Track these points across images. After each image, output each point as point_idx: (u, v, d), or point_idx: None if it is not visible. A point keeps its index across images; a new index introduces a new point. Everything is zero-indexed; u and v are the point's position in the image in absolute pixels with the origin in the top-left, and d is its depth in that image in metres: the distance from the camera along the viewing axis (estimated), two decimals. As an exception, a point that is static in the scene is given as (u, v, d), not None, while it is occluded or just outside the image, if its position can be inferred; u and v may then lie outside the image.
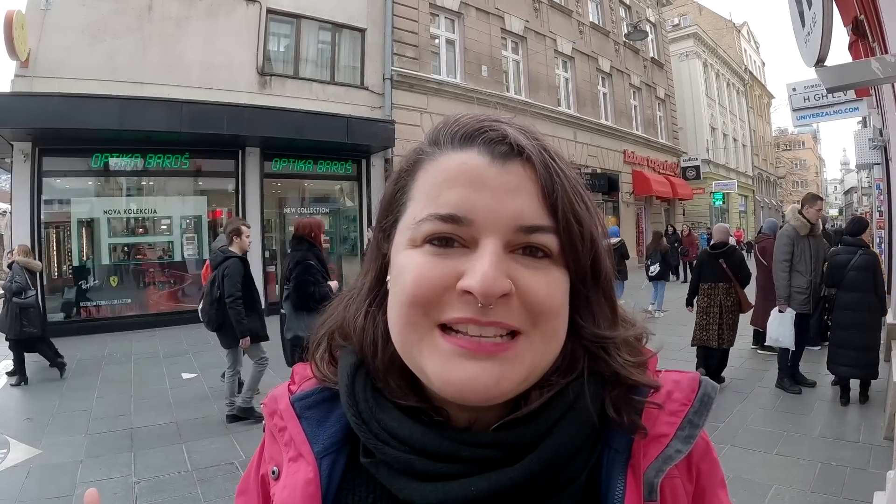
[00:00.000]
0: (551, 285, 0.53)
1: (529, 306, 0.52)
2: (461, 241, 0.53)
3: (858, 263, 5.28)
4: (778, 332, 5.79)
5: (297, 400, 0.65)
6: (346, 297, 0.68)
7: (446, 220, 0.52)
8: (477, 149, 0.55)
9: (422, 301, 0.52)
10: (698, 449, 0.60)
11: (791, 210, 6.05)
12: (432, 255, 0.53)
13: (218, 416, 5.46)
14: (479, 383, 0.51)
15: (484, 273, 0.49)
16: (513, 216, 0.52)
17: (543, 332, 0.53)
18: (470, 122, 0.58)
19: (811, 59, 2.99)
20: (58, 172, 10.27)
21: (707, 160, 29.24)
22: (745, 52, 41.47)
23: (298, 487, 0.59)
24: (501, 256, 0.51)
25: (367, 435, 0.57)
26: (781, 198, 54.59)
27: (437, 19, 15.22)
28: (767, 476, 3.94)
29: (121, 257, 10.85)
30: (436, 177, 0.55)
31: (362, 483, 0.60)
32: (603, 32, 21.42)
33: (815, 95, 12.83)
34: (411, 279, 0.53)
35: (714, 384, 0.61)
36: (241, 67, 11.58)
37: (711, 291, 6.29)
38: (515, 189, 0.53)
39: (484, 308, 0.50)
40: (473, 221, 0.52)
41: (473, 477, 0.52)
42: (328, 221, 13.28)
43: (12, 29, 8.68)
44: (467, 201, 0.52)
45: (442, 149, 0.57)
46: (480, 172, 0.53)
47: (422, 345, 0.53)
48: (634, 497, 0.54)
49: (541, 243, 0.53)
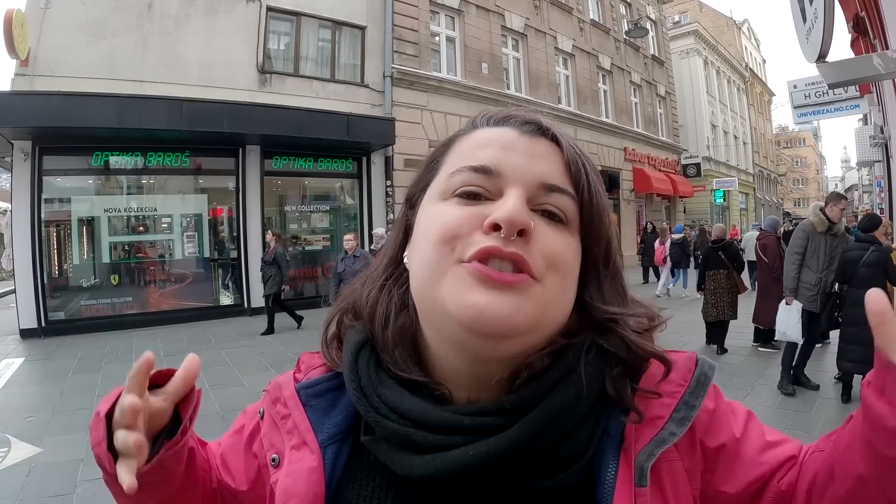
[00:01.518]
0: (565, 244, 0.57)
1: (545, 254, 0.54)
2: (488, 195, 0.57)
3: (870, 260, 5.25)
4: (786, 326, 5.78)
5: (303, 388, 0.66)
6: (362, 280, 0.70)
7: (478, 170, 0.57)
8: (510, 126, 0.61)
9: (449, 237, 0.55)
10: (700, 425, 0.60)
11: (813, 206, 6.04)
12: (461, 205, 0.57)
13: (217, 414, 5.47)
14: (496, 308, 0.52)
15: (511, 206, 0.53)
16: (538, 174, 0.57)
17: (556, 282, 0.55)
18: (505, 109, 0.64)
19: (812, 56, 2.98)
20: (58, 171, 10.25)
21: (708, 157, 29.22)
22: (745, 49, 41.42)
23: (302, 475, 0.60)
24: (525, 203, 0.55)
25: (368, 409, 0.58)
26: (782, 195, 54.56)
27: (437, 17, 15.19)
28: (768, 473, 3.94)
29: (121, 256, 10.84)
30: (471, 144, 0.61)
31: (363, 473, 0.61)
32: (603, 30, 21.39)
33: (815, 92, 12.84)
34: (441, 221, 0.56)
35: (711, 363, 0.62)
36: (241, 65, 11.56)
37: (715, 277, 7.69)
38: (542, 155, 0.58)
39: (506, 240, 0.53)
40: (502, 174, 0.56)
41: (472, 444, 0.53)
42: (328, 219, 13.28)
43: (12, 28, 8.66)
44: (498, 157, 0.57)
45: (477, 127, 0.63)
46: (511, 140, 0.59)
47: (446, 276, 0.55)
48: (626, 481, 0.54)
49: (560, 205, 0.57)
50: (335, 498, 0.61)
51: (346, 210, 13.64)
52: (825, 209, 5.75)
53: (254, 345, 8.66)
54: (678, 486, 0.57)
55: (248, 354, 8.07)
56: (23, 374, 7.26)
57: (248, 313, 11.33)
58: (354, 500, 0.60)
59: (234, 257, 11.72)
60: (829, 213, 5.71)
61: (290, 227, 12.75)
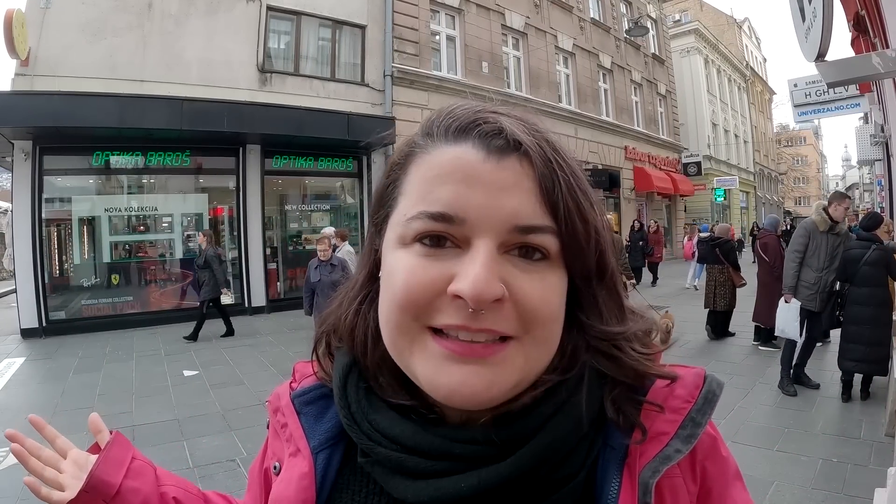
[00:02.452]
0: (546, 290, 0.51)
1: (522, 312, 0.50)
2: (453, 241, 0.50)
3: (872, 258, 5.25)
4: (784, 323, 5.79)
5: (296, 396, 0.66)
6: (339, 300, 0.66)
7: (437, 218, 0.50)
8: (471, 142, 0.52)
9: (412, 306, 0.50)
10: (703, 447, 0.57)
11: (816, 205, 6.03)
12: (423, 257, 0.50)
13: (218, 413, 5.48)
14: (468, 387, 0.49)
15: (476, 277, 0.47)
16: (508, 215, 0.49)
17: (535, 337, 0.51)
18: (465, 113, 0.55)
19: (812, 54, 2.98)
20: (58, 171, 10.26)
21: (708, 156, 29.21)
22: (746, 48, 41.40)
23: (293, 481, 0.59)
24: (495, 258, 0.49)
25: (360, 435, 0.57)
26: (783, 194, 54.52)
27: (438, 16, 15.18)
28: (768, 472, 3.94)
29: (122, 255, 10.86)
30: (427, 171, 0.52)
31: (356, 479, 0.60)
32: (604, 28, 21.37)
33: (816, 91, 12.83)
34: (401, 282, 0.50)
35: (720, 381, 0.58)
36: (241, 65, 11.56)
37: (710, 271, 8.71)
38: (512, 186, 0.50)
39: (475, 313, 0.48)
40: (466, 220, 0.49)
41: (464, 474, 0.51)
42: (329, 218, 13.28)
43: (12, 28, 8.66)
44: (460, 199, 0.49)
45: (435, 142, 0.54)
46: (474, 168, 0.50)
47: (413, 348, 0.52)
48: (628, 498, 0.52)
49: (538, 244, 0.50)
50: (328, 502, 0.60)
51: (346, 209, 13.65)
52: (828, 208, 5.74)
53: (255, 344, 8.68)
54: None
55: (249, 354, 8.08)
56: (24, 374, 7.27)
57: (249, 312, 11.35)
58: None
59: (234, 256, 11.74)
60: (832, 212, 5.70)
61: (290, 227, 12.76)
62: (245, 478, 0.80)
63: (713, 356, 7.35)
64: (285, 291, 12.44)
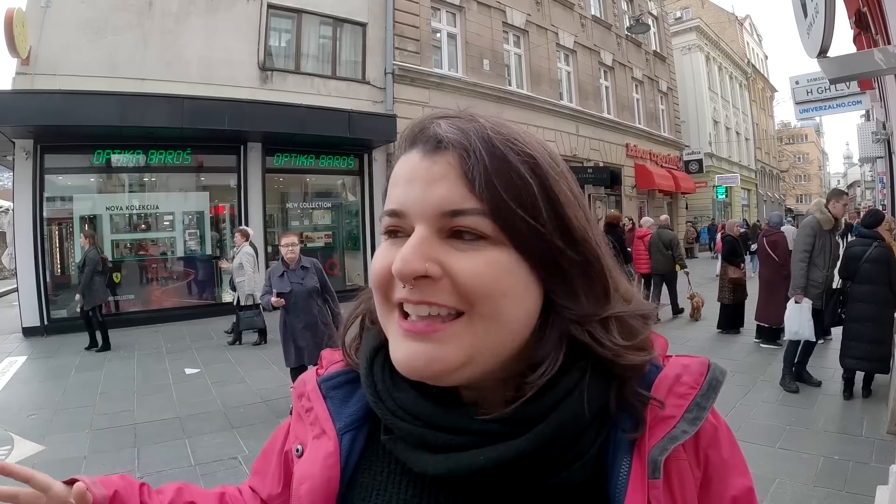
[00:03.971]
0: (481, 265, 0.54)
1: (458, 287, 0.54)
2: (405, 232, 0.58)
3: (873, 255, 5.23)
4: (798, 325, 5.61)
5: (323, 381, 0.72)
6: None
7: (391, 214, 0.59)
8: (416, 148, 0.59)
9: (379, 285, 0.59)
10: (706, 434, 0.61)
11: (816, 203, 6.01)
12: (388, 245, 0.59)
13: (220, 411, 5.48)
14: (413, 362, 0.56)
15: (402, 255, 0.54)
16: (437, 203, 0.55)
17: (482, 313, 0.55)
18: (418, 122, 0.62)
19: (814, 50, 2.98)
20: (60, 169, 10.28)
21: (709, 154, 29.15)
22: (747, 45, 41.28)
23: (319, 460, 0.65)
24: (427, 241, 0.55)
25: (384, 411, 0.62)
26: (784, 191, 54.43)
27: (439, 13, 15.16)
28: (770, 470, 3.94)
29: (123, 253, 10.88)
30: (392, 179, 0.61)
31: (378, 459, 0.65)
32: (605, 26, 21.33)
33: (817, 89, 12.79)
34: (373, 266, 0.60)
35: (723, 369, 0.63)
36: (241, 63, 11.55)
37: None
38: (439, 177, 0.56)
39: (412, 289, 0.55)
40: (407, 213, 0.57)
41: (482, 448, 0.55)
42: (330, 216, 13.28)
43: (12, 27, 8.66)
44: (403, 195, 0.58)
45: (399, 152, 0.62)
46: (415, 168, 0.58)
47: (388, 324, 0.60)
48: (639, 476, 0.56)
49: (467, 225, 0.55)
50: (351, 481, 0.65)
51: (347, 207, 13.65)
52: (828, 205, 5.74)
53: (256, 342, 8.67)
54: (685, 485, 0.59)
55: (251, 352, 8.09)
56: (25, 372, 7.29)
57: (250, 311, 11.34)
58: (370, 484, 0.64)
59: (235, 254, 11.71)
60: (832, 208, 5.70)
61: (291, 225, 12.75)
62: (247, 475, 0.80)
63: (715, 354, 7.34)
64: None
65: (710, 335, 8.49)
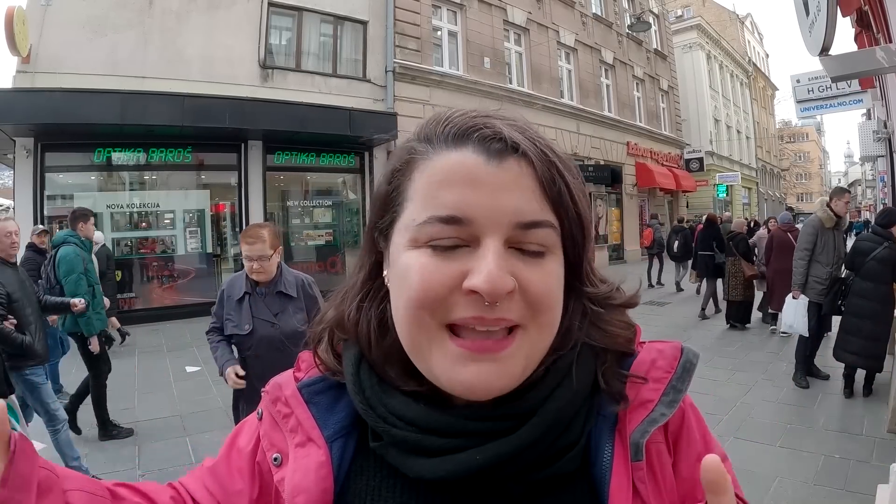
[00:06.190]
0: (549, 279, 0.55)
1: (529, 301, 0.53)
2: (463, 241, 0.53)
3: (881, 255, 5.20)
4: (792, 319, 5.85)
5: (304, 386, 0.67)
6: (342, 293, 0.69)
7: (447, 221, 0.53)
8: (472, 147, 0.55)
9: (429, 303, 0.53)
10: (674, 421, 0.62)
11: (819, 202, 6.06)
12: (436, 256, 0.54)
13: (221, 409, 5.48)
14: (482, 382, 0.53)
15: (489, 272, 0.50)
16: (511, 213, 0.53)
17: (540, 324, 0.55)
18: (463, 119, 0.58)
19: (815, 49, 2.97)
20: (60, 168, 10.26)
21: (710, 152, 29.12)
22: (748, 43, 41.21)
23: (311, 470, 0.61)
24: (503, 254, 0.52)
25: (375, 419, 0.60)
26: (785, 190, 54.38)
27: (439, 11, 15.14)
28: (770, 468, 3.94)
29: (124, 252, 10.86)
30: (432, 177, 0.56)
31: (370, 465, 0.63)
32: (606, 24, 21.30)
33: (818, 87, 12.76)
34: (418, 281, 0.53)
35: (696, 352, 0.64)
36: (242, 61, 11.54)
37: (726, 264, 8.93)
38: (512, 185, 0.54)
39: (491, 306, 0.52)
40: (473, 220, 0.53)
41: (478, 447, 0.55)
42: (331, 214, 13.27)
43: (13, 25, 8.65)
44: (465, 201, 0.53)
45: (436, 147, 0.57)
46: (477, 171, 0.54)
47: (431, 346, 0.55)
48: (622, 459, 0.57)
49: (541, 239, 0.54)
50: (343, 490, 0.62)
51: (348, 205, 13.64)
52: (830, 203, 5.78)
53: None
54: (665, 467, 0.60)
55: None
56: (27, 370, 7.27)
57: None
58: (364, 491, 0.62)
59: (236, 253, 11.73)
60: (834, 206, 5.76)
61: (292, 223, 12.75)
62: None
63: (716, 353, 7.35)
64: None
65: (715, 333, 8.49)
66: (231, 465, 0.71)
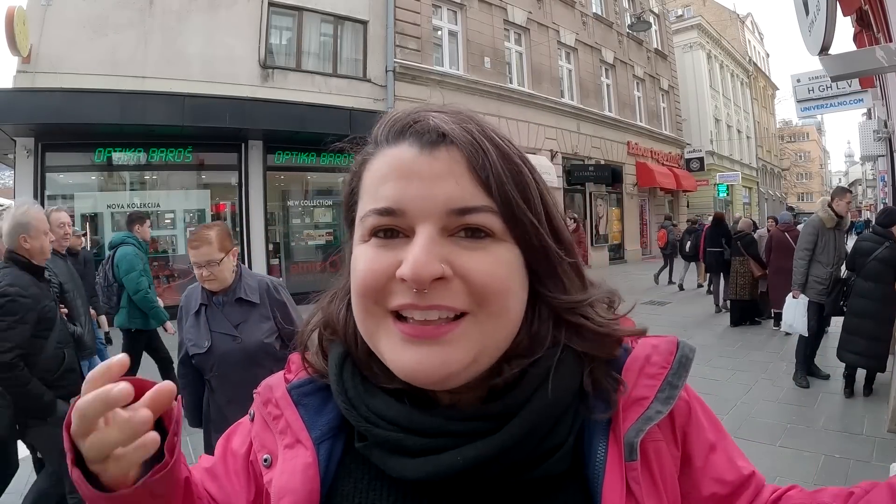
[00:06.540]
0: (493, 264, 0.54)
1: (471, 287, 0.53)
2: (403, 232, 0.55)
3: (882, 255, 5.19)
4: (792, 318, 5.86)
5: (294, 388, 0.67)
6: (330, 295, 0.70)
7: (383, 213, 0.55)
8: (408, 141, 0.57)
9: (370, 291, 0.55)
10: (681, 413, 0.62)
11: (821, 202, 6.07)
12: (377, 248, 0.56)
13: (222, 410, 5.48)
14: (424, 367, 0.53)
15: (415, 260, 0.51)
16: (443, 201, 0.54)
17: (490, 311, 0.54)
18: (401, 116, 0.60)
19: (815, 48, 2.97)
20: (61, 168, 10.28)
21: (711, 152, 29.12)
22: (749, 43, 41.19)
23: (298, 472, 0.61)
24: (436, 241, 0.53)
25: (358, 419, 0.59)
26: (785, 190, 54.37)
27: (440, 11, 15.14)
28: (771, 468, 3.94)
29: (124, 251, 10.85)
30: (375, 174, 0.58)
31: (358, 467, 0.62)
32: (606, 23, 21.29)
33: (819, 87, 12.74)
34: (360, 271, 0.56)
35: (692, 346, 0.64)
36: (242, 60, 11.55)
37: (733, 263, 9.02)
38: (444, 174, 0.54)
39: (420, 293, 0.52)
40: (407, 211, 0.54)
41: (460, 448, 0.54)
42: (331, 214, 13.26)
43: (13, 25, 8.66)
44: (399, 192, 0.55)
45: (379, 146, 0.60)
46: (410, 163, 0.55)
47: (379, 332, 0.57)
48: (616, 459, 0.57)
49: (478, 223, 0.54)
50: (331, 491, 0.62)
51: (348, 205, 13.61)
52: (832, 203, 5.78)
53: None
54: (664, 466, 0.60)
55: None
56: (27, 370, 7.27)
57: (251, 308, 11.34)
58: (351, 493, 0.61)
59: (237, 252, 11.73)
60: (835, 206, 5.76)
61: (293, 222, 12.74)
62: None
63: (716, 352, 7.34)
64: (287, 287, 12.36)
65: (716, 333, 8.48)
66: (227, 467, 0.73)
